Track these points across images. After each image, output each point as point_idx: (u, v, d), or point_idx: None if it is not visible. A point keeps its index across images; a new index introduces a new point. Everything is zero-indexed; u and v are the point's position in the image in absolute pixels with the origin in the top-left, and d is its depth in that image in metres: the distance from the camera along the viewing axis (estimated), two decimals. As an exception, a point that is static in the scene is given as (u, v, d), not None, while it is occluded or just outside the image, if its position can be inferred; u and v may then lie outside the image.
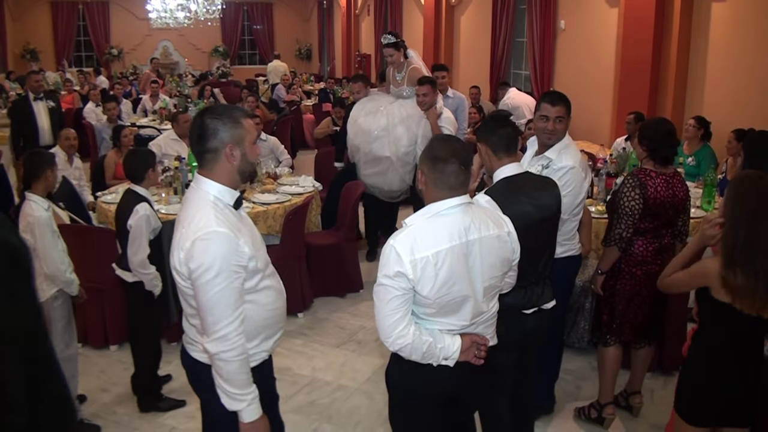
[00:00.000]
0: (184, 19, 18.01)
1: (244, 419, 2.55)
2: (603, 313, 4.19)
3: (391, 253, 2.52)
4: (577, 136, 9.73)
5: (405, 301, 2.54)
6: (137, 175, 4.39)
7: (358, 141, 7.02)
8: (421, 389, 2.72)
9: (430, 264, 2.50)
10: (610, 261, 4.04)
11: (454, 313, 2.64)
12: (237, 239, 2.48)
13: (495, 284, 2.74)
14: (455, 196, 2.60)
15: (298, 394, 4.70)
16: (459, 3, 13.82)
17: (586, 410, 4.35)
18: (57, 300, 4.19)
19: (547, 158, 3.88)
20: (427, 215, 2.61)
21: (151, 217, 4.28)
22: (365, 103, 7.17)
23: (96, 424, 4.36)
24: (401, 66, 7.02)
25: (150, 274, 4.31)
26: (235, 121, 2.57)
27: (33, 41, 21.06)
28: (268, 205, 5.95)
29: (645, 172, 3.93)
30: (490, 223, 2.67)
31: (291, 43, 24.77)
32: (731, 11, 7.40)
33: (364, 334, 5.53)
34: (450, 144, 2.66)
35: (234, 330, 2.47)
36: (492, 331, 2.84)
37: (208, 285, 2.42)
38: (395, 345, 2.56)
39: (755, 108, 6.94)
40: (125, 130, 7.33)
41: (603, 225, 5.38)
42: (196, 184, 2.62)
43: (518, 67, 12.08)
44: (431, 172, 2.60)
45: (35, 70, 10.79)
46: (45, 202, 4.16)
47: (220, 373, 2.51)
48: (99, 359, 5.22)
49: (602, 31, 9.33)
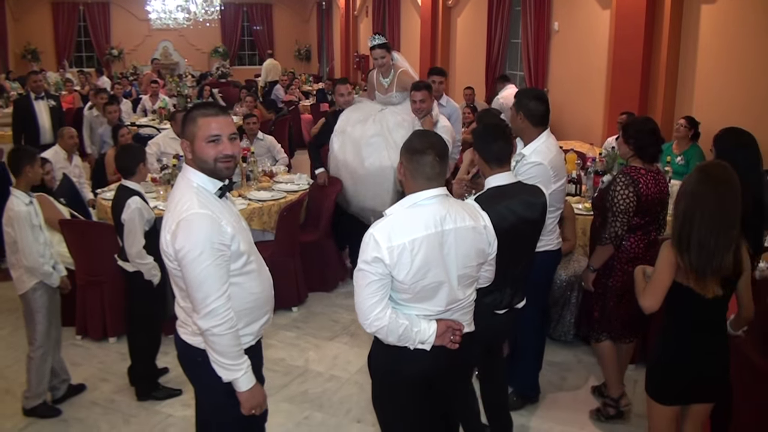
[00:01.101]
0: (183, 20, 18.13)
1: (241, 388, 2.72)
2: (594, 310, 4.27)
3: (370, 240, 2.67)
4: (569, 136, 9.89)
5: (382, 285, 2.68)
6: (129, 169, 4.55)
7: (347, 153, 6.27)
8: (400, 373, 2.85)
9: (406, 250, 2.64)
10: (603, 258, 4.11)
11: (429, 299, 2.77)
12: (219, 220, 2.64)
13: (470, 273, 2.86)
14: (432, 187, 2.75)
15: (291, 384, 4.84)
16: (455, 4, 13.95)
17: (603, 410, 4.40)
18: (37, 291, 4.38)
19: (521, 154, 4.04)
20: (405, 205, 2.77)
21: (143, 209, 4.43)
22: (351, 113, 6.42)
23: (57, 408, 4.58)
24: (388, 70, 6.37)
25: (148, 264, 4.48)
26: (191, 119, 2.75)
27: (34, 41, 21.16)
28: (263, 202, 6.09)
29: (635, 170, 4.01)
30: (465, 215, 2.81)
31: (290, 44, 24.88)
32: (720, 13, 7.53)
33: (356, 328, 5.65)
34: (426, 137, 2.84)
35: (222, 305, 2.62)
36: (469, 319, 2.97)
37: (194, 262, 2.57)
38: (372, 327, 2.71)
39: (743, 108, 7.07)
40: (122, 130, 7.44)
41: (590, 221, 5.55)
42: (183, 172, 2.80)
43: (513, 68, 12.20)
44: (409, 163, 2.76)
45: (36, 70, 10.94)
46: (26, 197, 4.33)
47: (214, 347, 2.66)
48: (98, 351, 5.36)
49: (595, 32, 9.46)
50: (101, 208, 6.11)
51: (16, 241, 4.27)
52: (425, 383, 2.91)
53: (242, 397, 2.74)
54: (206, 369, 2.75)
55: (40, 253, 4.31)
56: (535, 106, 4.06)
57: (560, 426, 4.38)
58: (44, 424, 4.43)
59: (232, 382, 2.72)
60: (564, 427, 4.37)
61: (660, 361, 3.23)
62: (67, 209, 5.78)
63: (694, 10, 7.84)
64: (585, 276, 4.26)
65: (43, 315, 4.40)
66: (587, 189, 6.24)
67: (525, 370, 4.51)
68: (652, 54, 8.28)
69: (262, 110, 11.24)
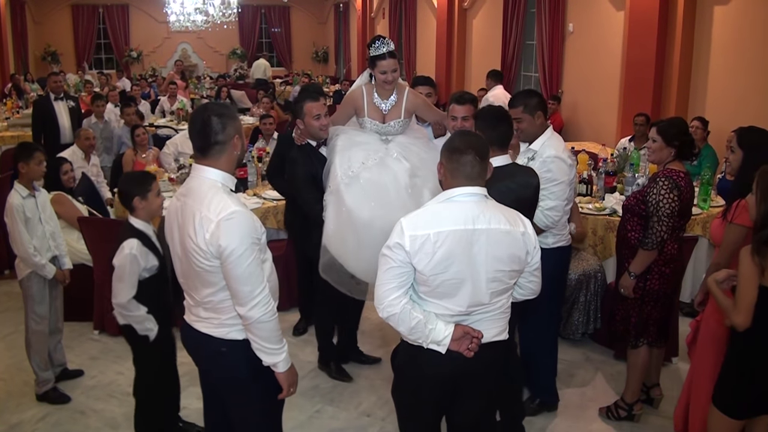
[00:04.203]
0: (201, 22, 18.30)
1: (281, 369, 2.89)
2: (631, 316, 4.20)
3: (397, 227, 2.73)
4: (583, 136, 9.93)
5: (401, 273, 2.72)
6: (126, 206, 3.93)
7: (368, 210, 4.10)
8: (417, 369, 2.89)
9: (429, 241, 2.67)
10: (646, 263, 4.05)
11: (450, 297, 2.76)
12: (252, 216, 2.78)
13: (501, 278, 2.80)
14: (472, 185, 2.77)
15: (303, 379, 4.89)
16: (471, 6, 14.01)
17: (614, 410, 4.40)
18: (31, 279, 4.58)
19: (532, 150, 4.08)
20: (440, 200, 2.82)
21: (140, 256, 3.74)
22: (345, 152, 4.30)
23: (66, 394, 4.73)
24: (392, 89, 4.40)
25: (138, 316, 3.79)
26: (236, 116, 2.92)
27: (54, 44, 21.40)
28: (277, 201, 6.17)
29: (675, 172, 3.98)
30: (502, 218, 2.77)
31: (308, 46, 25.01)
32: (733, 14, 7.55)
33: (368, 325, 5.69)
34: (467, 137, 2.87)
35: (267, 295, 2.78)
36: (499, 327, 2.91)
37: (241, 258, 2.69)
38: (384, 312, 2.76)
39: (756, 108, 7.09)
40: (138, 130, 7.57)
41: (601, 221, 5.61)
42: (200, 173, 2.85)
43: (528, 69, 12.25)
44: (449, 162, 2.79)
45: (55, 71, 11.13)
46: (24, 191, 4.51)
47: (260, 334, 2.81)
48: (115, 345, 5.48)
49: (608, 33, 9.49)
50: (119, 206, 6.23)
51: (10, 232, 4.49)
52: (445, 383, 2.91)
53: (281, 377, 2.91)
54: (229, 358, 2.91)
55: (34, 246, 4.47)
56: (541, 101, 4.15)
57: (567, 422, 4.44)
58: (62, 414, 4.56)
59: (273, 365, 2.87)
60: (571, 423, 4.43)
61: (738, 371, 3.14)
62: (86, 207, 5.90)
63: (707, 11, 7.87)
64: (626, 283, 4.13)
65: (37, 302, 4.58)
66: (598, 189, 6.29)
67: (543, 374, 4.49)
68: (666, 55, 8.32)
69: (278, 111, 11.34)
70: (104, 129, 9.05)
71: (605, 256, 5.61)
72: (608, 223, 5.61)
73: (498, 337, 2.91)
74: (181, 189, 2.96)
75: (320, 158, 4.52)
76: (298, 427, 4.40)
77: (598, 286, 5.26)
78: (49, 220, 4.67)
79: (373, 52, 4.28)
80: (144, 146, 7.60)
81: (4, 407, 4.65)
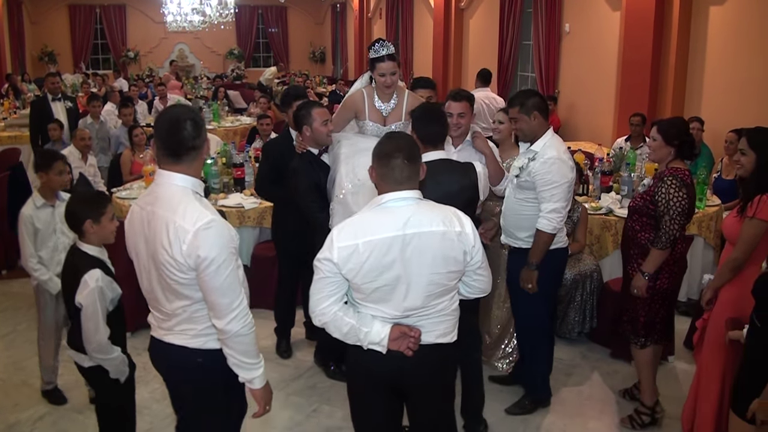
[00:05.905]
0: (199, 22, 18.31)
1: (256, 385, 2.77)
2: (640, 315, 4.17)
3: (328, 238, 2.70)
4: (579, 136, 9.96)
5: (331, 282, 2.70)
6: (74, 229, 3.48)
7: None
8: (362, 369, 2.88)
9: (357, 252, 2.63)
10: (659, 263, 4.01)
11: (385, 302, 2.74)
12: (228, 224, 2.67)
13: (438, 281, 2.75)
14: (402, 189, 2.72)
15: (300, 378, 4.95)
16: (468, 6, 14.05)
17: (637, 418, 4.31)
18: (40, 288, 4.49)
19: (533, 151, 4.10)
20: (371, 206, 2.76)
21: (105, 288, 3.32)
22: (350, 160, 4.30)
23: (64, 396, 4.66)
24: (393, 92, 4.41)
25: (114, 359, 3.39)
26: (203, 118, 2.81)
27: (51, 44, 21.44)
28: (275, 200, 6.17)
29: (680, 170, 3.98)
30: (436, 219, 2.71)
31: (305, 46, 25.07)
32: (729, 15, 7.59)
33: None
34: (395, 140, 2.79)
35: (245, 306, 2.68)
36: (443, 329, 2.85)
37: (219, 269, 2.57)
38: (317, 320, 2.76)
39: (752, 109, 7.12)
40: (136, 130, 7.59)
41: (597, 221, 5.63)
42: (167, 179, 2.68)
43: (525, 69, 12.28)
44: (378, 167, 2.74)
45: (53, 72, 11.12)
46: (40, 200, 4.41)
47: (238, 348, 2.69)
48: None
49: (605, 34, 9.52)
50: (117, 206, 6.23)
51: None
52: (389, 383, 2.88)
53: (257, 394, 2.79)
54: (204, 369, 2.78)
55: (40, 257, 4.39)
56: (539, 101, 4.15)
57: (563, 420, 4.46)
58: (60, 414, 4.56)
59: (250, 381, 2.76)
60: (567, 421, 4.45)
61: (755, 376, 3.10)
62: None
63: (702, 11, 7.90)
64: (639, 283, 4.06)
65: (44, 313, 4.51)
66: (594, 189, 6.32)
67: (536, 372, 4.50)
68: (662, 55, 8.36)
69: (275, 111, 11.34)
70: (100, 129, 9.03)
71: (601, 255, 5.64)
72: (604, 223, 5.64)
73: (442, 339, 2.85)
74: (145, 197, 2.77)
75: (322, 166, 4.52)
76: (295, 426, 4.42)
77: (594, 286, 5.28)
78: (69, 232, 4.14)
79: (372, 54, 4.30)
80: (142, 146, 7.62)
81: (2, 407, 4.65)
